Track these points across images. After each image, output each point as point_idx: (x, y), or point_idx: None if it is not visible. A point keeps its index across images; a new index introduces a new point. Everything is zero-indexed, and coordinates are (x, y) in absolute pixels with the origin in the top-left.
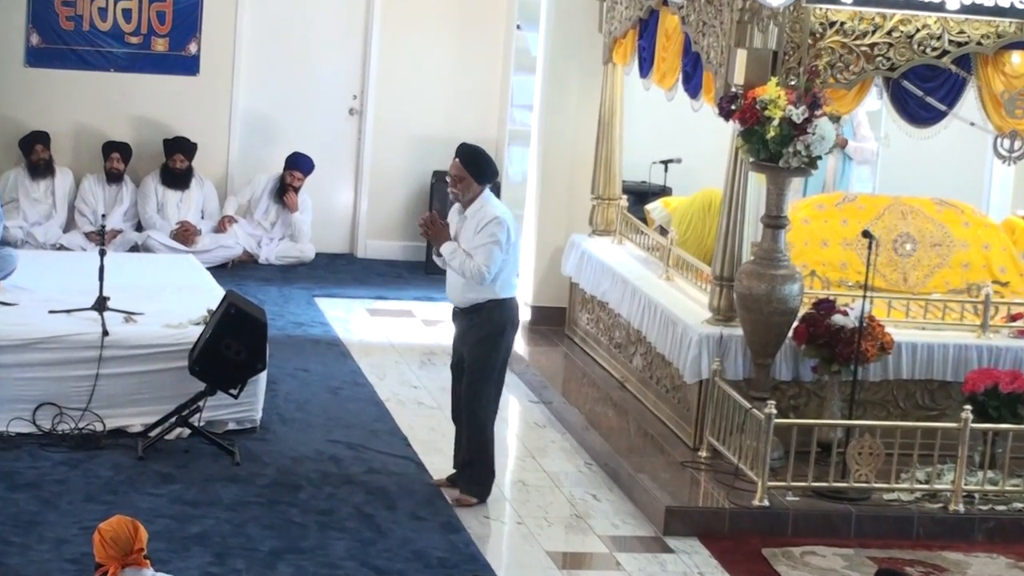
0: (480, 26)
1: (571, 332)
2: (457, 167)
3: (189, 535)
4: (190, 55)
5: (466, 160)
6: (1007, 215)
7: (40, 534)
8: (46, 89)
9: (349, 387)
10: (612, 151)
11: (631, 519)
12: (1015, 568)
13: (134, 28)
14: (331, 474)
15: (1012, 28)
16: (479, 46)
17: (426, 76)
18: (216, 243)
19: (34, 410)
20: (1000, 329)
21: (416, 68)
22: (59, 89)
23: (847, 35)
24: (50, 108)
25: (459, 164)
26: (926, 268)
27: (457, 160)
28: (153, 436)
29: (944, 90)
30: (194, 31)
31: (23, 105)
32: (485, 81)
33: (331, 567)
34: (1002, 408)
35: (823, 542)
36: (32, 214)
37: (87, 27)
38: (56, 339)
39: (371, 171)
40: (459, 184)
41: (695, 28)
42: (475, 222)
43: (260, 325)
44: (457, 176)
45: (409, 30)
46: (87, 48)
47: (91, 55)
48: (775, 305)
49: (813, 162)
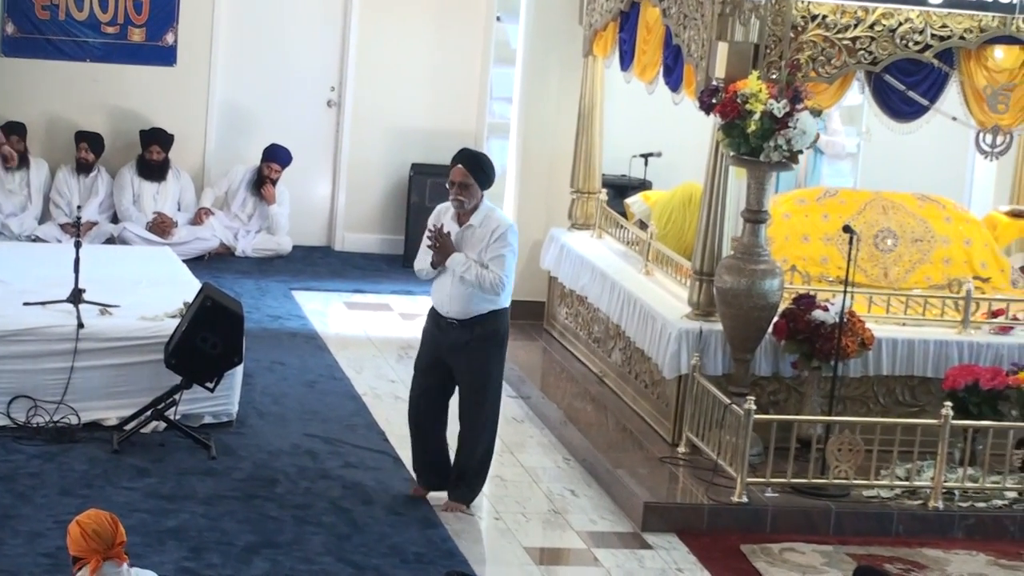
0: (459, 18)
1: (550, 327)
2: (463, 174)
3: (164, 529)
4: (167, 45)
5: (472, 166)
6: (989, 211)
7: (14, 528)
8: (21, 79)
9: (326, 381)
10: (592, 144)
11: (609, 515)
12: (995, 565)
13: (110, 18)
14: (307, 468)
15: (995, 22)
16: (458, 38)
17: (405, 68)
18: (193, 235)
19: (8, 403)
20: (981, 325)
21: (395, 60)
22: (34, 79)
23: (829, 29)
24: (25, 98)
25: (464, 171)
26: (907, 263)
27: (461, 167)
28: (128, 429)
29: (926, 84)
30: (171, 21)
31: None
32: (464, 73)
33: (307, 562)
34: (982, 405)
35: (802, 538)
36: (7, 205)
37: (63, 16)
38: (31, 331)
39: (349, 163)
40: (465, 192)
41: (676, 21)
42: (486, 231)
43: (237, 318)
44: (463, 183)
45: (388, 21)
46: (63, 38)
47: (67, 45)
48: (755, 300)
49: (794, 156)
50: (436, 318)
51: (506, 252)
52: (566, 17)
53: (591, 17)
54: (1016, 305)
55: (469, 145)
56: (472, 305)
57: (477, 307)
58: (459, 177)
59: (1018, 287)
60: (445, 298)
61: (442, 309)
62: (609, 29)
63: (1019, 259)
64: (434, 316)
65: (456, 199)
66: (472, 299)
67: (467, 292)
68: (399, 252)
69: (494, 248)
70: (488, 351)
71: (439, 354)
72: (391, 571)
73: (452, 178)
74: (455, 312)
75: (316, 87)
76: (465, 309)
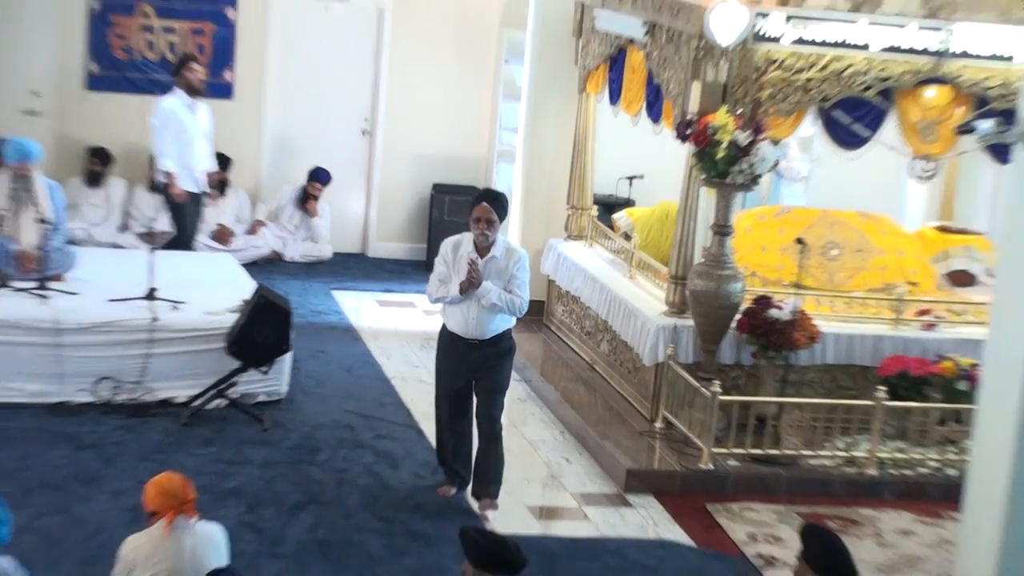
0: (473, 60)
1: (548, 322)
2: (488, 211)
3: (226, 489)
4: (226, 82)
5: (497, 205)
6: (920, 226)
7: (100, 487)
8: (103, 111)
9: (361, 366)
10: (585, 168)
11: (597, 479)
12: (919, 523)
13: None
14: (345, 439)
15: (927, 66)
16: (472, 77)
17: (427, 103)
18: (248, 243)
19: (95, 383)
20: (911, 323)
21: (419, 96)
22: (114, 111)
23: (787, 71)
24: (107, 127)
25: (490, 208)
26: (849, 270)
27: (486, 205)
28: (195, 406)
29: (868, 118)
30: (229, 61)
31: (84, 124)
32: (477, 107)
33: (345, 517)
34: (911, 389)
35: (758, 499)
36: (91, 217)
37: (138, 57)
38: (113, 323)
39: (380, 183)
40: (491, 227)
41: (657, 63)
42: (509, 261)
43: (286, 313)
44: (489, 220)
45: (413, 64)
46: (137, 75)
47: (141, 81)
48: (721, 300)
49: (756, 179)
50: (455, 340)
51: (526, 278)
52: (564, 60)
53: (585, 60)
54: (940, 306)
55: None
56: (493, 324)
57: (496, 327)
58: (485, 214)
59: (942, 291)
60: (471, 322)
61: (465, 333)
62: (600, 70)
63: (943, 267)
64: (453, 339)
65: (483, 233)
66: (492, 319)
67: (491, 315)
68: (422, 258)
69: (516, 275)
70: (506, 363)
71: (461, 371)
72: (415, 525)
73: (478, 215)
74: (479, 333)
75: (352, 118)
76: (488, 328)
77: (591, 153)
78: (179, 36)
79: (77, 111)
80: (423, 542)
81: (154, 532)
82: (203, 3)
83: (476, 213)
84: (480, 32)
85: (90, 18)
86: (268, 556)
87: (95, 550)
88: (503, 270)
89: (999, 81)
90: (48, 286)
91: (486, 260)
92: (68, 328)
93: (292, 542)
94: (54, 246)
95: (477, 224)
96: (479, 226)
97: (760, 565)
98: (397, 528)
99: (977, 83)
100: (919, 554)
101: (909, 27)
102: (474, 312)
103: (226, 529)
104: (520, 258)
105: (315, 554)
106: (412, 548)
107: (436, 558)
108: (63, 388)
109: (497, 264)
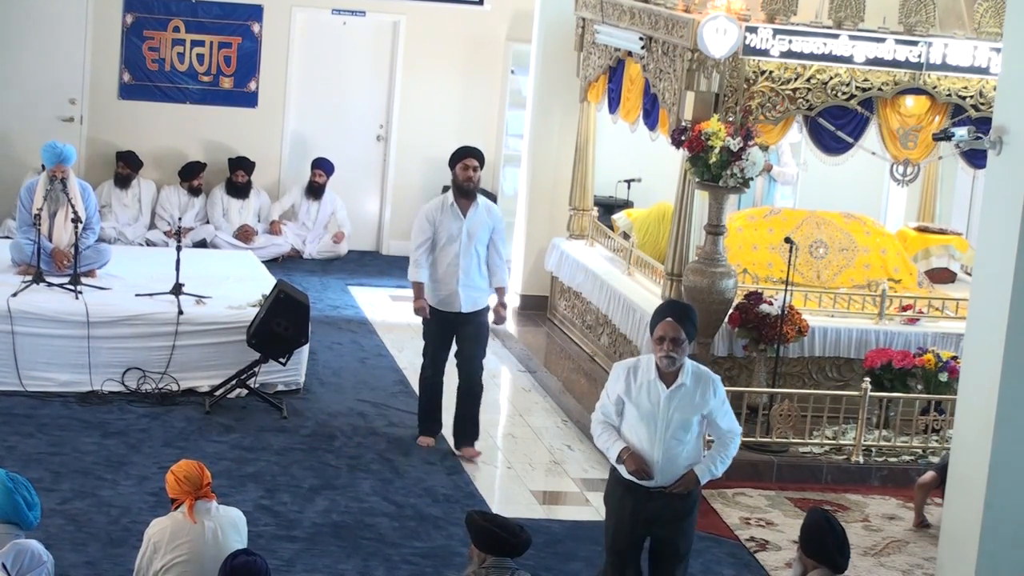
0: (482, 71)
1: (552, 316)
2: (676, 328)
3: (245, 474)
4: (250, 91)
5: (687, 323)
6: (900, 226)
7: (126, 472)
8: (135, 118)
9: (374, 358)
10: (586, 172)
11: (598, 465)
12: (903, 507)
13: (206, 69)
14: (359, 427)
15: (907, 77)
16: (481, 87)
17: (438, 110)
18: (269, 242)
19: (123, 373)
20: (893, 317)
21: (430, 104)
22: (146, 118)
23: (775, 81)
24: (139, 133)
25: (678, 326)
26: (835, 268)
27: (672, 321)
28: (217, 395)
29: (851, 126)
30: (254, 72)
31: (117, 130)
32: (485, 115)
33: (358, 501)
34: (894, 380)
35: (751, 485)
36: (122, 217)
37: (168, 68)
38: (141, 316)
39: (394, 185)
40: (678, 348)
41: (654, 74)
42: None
43: (304, 307)
44: (676, 339)
45: (425, 73)
46: (168, 85)
47: (171, 90)
48: (714, 296)
49: (746, 182)
50: (444, 313)
51: (728, 408)
52: (566, 71)
53: (586, 71)
54: (921, 302)
55: (488, 172)
56: (478, 303)
57: (481, 302)
58: (672, 332)
59: (923, 287)
60: (455, 297)
61: (452, 308)
62: (600, 80)
63: (924, 265)
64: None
65: (668, 356)
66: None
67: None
68: None
69: (718, 406)
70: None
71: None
72: (425, 508)
73: (662, 333)
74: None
75: (368, 124)
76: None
77: (592, 158)
78: (207, 48)
79: (110, 118)
80: (432, 525)
81: (177, 516)
82: (230, 18)
83: (660, 331)
84: (488, 45)
85: (124, 32)
86: (284, 539)
87: (120, 532)
88: (697, 406)
89: (974, 91)
90: (81, 281)
91: (672, 389)
92: (98, 321)
93: (307, 525)
94: (87, 244)
95: (660, 345)
96: (663, 347)
97: (752, 548)
98: (408, 512)
99: (953, 93)
100: (905, 538)
101: (888, 41)
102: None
103: (244, 513)
104: (714, 381)
105: (329, 537)
106: (422, 531)
107: (445, 541)
108: (93, 378)
109: (687, 393)
